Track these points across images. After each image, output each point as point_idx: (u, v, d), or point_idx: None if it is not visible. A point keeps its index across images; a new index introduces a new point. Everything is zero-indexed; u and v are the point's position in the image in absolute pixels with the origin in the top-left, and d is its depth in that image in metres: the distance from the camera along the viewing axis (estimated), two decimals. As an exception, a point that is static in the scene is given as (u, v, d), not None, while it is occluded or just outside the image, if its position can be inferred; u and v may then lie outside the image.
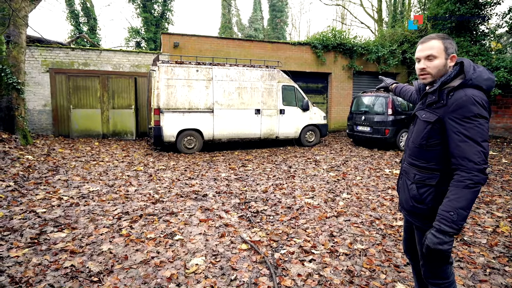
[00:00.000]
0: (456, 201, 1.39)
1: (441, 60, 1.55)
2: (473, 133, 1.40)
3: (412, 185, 1.66)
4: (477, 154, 1.38)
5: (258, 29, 30.07)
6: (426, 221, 1.63)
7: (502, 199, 4.65)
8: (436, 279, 1.68)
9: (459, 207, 1.38)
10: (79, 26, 18.39)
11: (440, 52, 1.55)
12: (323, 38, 13.56)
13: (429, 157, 1.59)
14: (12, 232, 3.30)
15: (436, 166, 1.57)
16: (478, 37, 11.55)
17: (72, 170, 6.10)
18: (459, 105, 1.43)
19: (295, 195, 4.84)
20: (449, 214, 1.40)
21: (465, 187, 1.39)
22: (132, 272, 2.63)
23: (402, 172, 1.79)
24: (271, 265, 2.76)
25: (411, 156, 1.69)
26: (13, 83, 7.67)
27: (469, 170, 1.39)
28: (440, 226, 1.42)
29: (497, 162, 7.18)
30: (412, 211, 1.68)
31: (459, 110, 1.43)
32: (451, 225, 1.39)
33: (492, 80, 1.49)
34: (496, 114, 11.29)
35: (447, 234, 1.40)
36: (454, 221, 1.38)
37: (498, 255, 2.98)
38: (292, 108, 9.62)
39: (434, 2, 12.21)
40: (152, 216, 3.90)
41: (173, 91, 8.16)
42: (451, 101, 1.47)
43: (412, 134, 1.71)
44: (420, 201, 1.61)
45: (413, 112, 1.76)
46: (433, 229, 1.44)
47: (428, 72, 1.58)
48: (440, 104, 1.52)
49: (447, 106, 1.48)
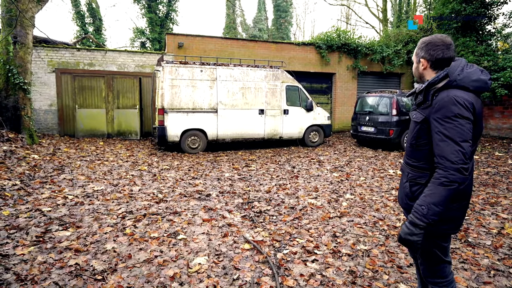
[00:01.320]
0: (430, 196, 1.45)
1: (414, 63, 1.71)
2: (452, 133, 1.42)
3: (406, 183, 1.73)
4: (455, 154, 1.41)
5: (262, 29, 30.08)
6: None
7: (507, 200, 4.61)
8: (434, 278, 1.72)
9: (431, 202, 1.44)
10: (84, 27, 18.55)
11: (414, 56, 1.71)
12: (327, 38, 13.53)
13: (419, 157, 1.65)
14: (18, 230, 3.34)
15: (425, 165, 1.62)
16: (484, 37, 11.44)
17: (77, 170, 6.15)
18: (440, 106, 1.47)
19: (299, 195, 4.84)
20: (421, 208, 1.46)
21: (440, 184, 1.43)
22: (136, 271, 2.65)
23: (401, 171, 1.86)
24: (274, 265, 2.76)
25: (407, 155, 1.76)
26: (20, 83, 7.75)
27: (446, 169, 1.43)
28: (412, 218, 1.49)
29: (503, 163, 7.11)
30: (407, 208, 1.74)
31: (441, 110, 1.47)
32: (421, 218, 1.46)
33: (483, 81, 1.50)
34: (503, 114, 11.18)
35: (417, 226, 1.46)
36: (425, 214, 1.45)
37: (503, 257, 2.95)
38: (296, 109, 9.61)
39: (440, 2, 12.11)
40: (156, 215, 3.92)
41: (177, 91, 8.20)
42: (435, 101, 1.52)
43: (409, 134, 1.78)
44: (412, 198, 1.67)
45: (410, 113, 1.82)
46: (406, 221, 1.53)
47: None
48: (426, 105, 1.58)
49: (432, 106, 1.53)
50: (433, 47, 1.59)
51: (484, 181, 5.64)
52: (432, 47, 1.59)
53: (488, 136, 11.44)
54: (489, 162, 7.25)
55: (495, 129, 11.44)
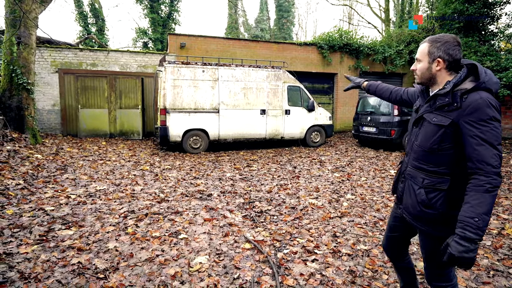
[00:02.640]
0: (479, 206, 1.34)
1: (424, 63, 1.58)
2: (489, 136, 1.37)
3: (420, 189, 1.60)
4: (494, 158, 1.36)
5: (264, 29, 30.09)
6: (436, 226, 1.58)
7: (508, 201, 4.61)
8: (439, 282, 1.68)
9: (482, 212, 1.34)
10: (87, 27, 18.65)
11: (423, 56, 1.57)
12: (329, 38, 13.53)
13: (440, 162, 1.53)
14: (22, 229, 3.38)
15: (446, 170, 1.52)
16: (487, 37, 11.40)
17: (79, 169, 6.20)
18: (475, 108, 1.39)
19: (299, 196, 4.86)
20: (474, 221, 1.34)
21: (485, 192, 1.35)
22: (137, 270, 2.68)
23: (406, 175, 1.73)
24: (274, 264, 2.78)
25: (418, 160, 1.63)
26: (23, 83, 7.82)
27: (488, 174, 1.36)
28: (465, 234, 1.35)
29: (505, 164, 7.10)
30: (419, 216, 1.62)
31: (475, 113, 1.39)
32: (476, 232, 1.33)
33: (498, 84, 1.49)
34: (505, 115, 11.15)
35: (473, 241, 1.34)
36: (480, 227, 1.33)
37: (502, 257, 2.96)
38: (298, 109, 9.63)
39: (442, 2, 12.08)
40: (158, 215, 3.95)
41: (179, 91, 8.24)
42: (466, 103, 1.42)
43: (418, 137, 1.64)
44: (429, 206, 1.55)
45: (419, 114, 1.67)
46: (456, 237, 1.37)
47: (416, 73, 1.63)
48: (453, 107, 1.47)
49: (462, 109, 1.43)
50: (452, 46, 1.51)
51: (486, 182, 5.64)
52: (451, 47, 1.51)
53: (491, 136, 11.42)
54: (491, 163, 7.24)
55: (497, 129, 11.41)
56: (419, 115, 1.67)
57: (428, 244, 1.66)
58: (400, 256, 1.96)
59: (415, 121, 1.70)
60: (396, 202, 1.90)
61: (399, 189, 1.82)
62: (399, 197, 1.82)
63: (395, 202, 1.90)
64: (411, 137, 1.74)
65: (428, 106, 1.60)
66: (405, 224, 1.83)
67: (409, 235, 1.89)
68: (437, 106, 1.54)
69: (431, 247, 1.65)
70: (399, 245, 1.94)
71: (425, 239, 1.67)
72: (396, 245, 1.95)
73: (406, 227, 1.84)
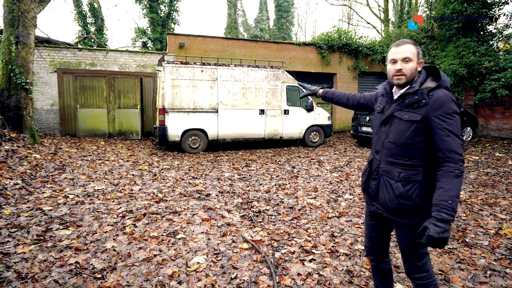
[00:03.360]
0: (451, 190, 1.48)
1: (414, 63, 1.66)
2: (454, 128, 1.54)
3: (397, 183, 1.69)
4: (459, 147, 1.52)
5: (264, 29, 30.08)
6: (413, 216, 1.68)
7: (506, 201, 4.62)
8: (418, 273, 1.74)
9: (454, 195, 1.48)
10: (86, 27, 18.61)
11: (414, 56, 1.66)
12: (328, 38, 13.54)
13: (413, 155, 1.65)
14: (19, 229, 3.38)
15: (419, 163, 1.65)
16: (485, 38, 11.42)
17: (78, 169, 6.19)
18: (441, 103, 1.56)
19: (298, 195, 4.86)
20: (448, 203, 1.47)
21: (455, 177, 1.50)
22: (135, 270, 2.68)
23: (381, 172, 1.78)
24: (272, 264, 2.78)
25: (393, 155, 1.72)
26: (22, 83, 7.81)
27: (456, 161, 1.51)
28: (441, 216, 1.47)
29: (503, 164, 7.11)
30: (397, 209, 1.70)
31: (442, 108, 1.55)
32: (451, 213, 1.46)
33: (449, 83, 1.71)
34: (503, 115, 11.17)
35: (448, 222, 1.46)
36: (453, 208, 1.47)
37: (499, 257, 2.97)
38: (297, 109, 9.63)
39: (441, 2, 12.09)
40: (156, 215, 3.95)
41: (178, 91, 8.24)
42: (433, 100, 1.58)
43: (390, 134, 1.73)
44: (406, 197, 1.66)
45: (388, 113, 1.75)
46: (433, 220, 1.48)
47: (403, 73, 1.67)
48: (422, 104, 1.61)
49: (430, 104, 1.58)
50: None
51: (484, 182, 5.65)
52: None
53: (489, 136, 11.44)
54: (489, 163, 7.25)
55: (495, 129, 11.43)
56: (388, 114, 1.75)
57: (406, 235, 1.74)
58: (384, 255, 1.99)
59: (384, 120, 1.78)
60: (367, 201, 1.95)
61: (371, 187, 1.87)
62: (372, 194, 1.87)
63: (367, 201, 1.96)
64: (380, 135, 1.82)
65: (397, 105, 1.72)
66: (382, 220, 1.89)
67: (388, 230, 1.95)
68: (406, 104, 1.67)
69: (409, 238, 1.73)
70: (383, 242, 1.97)
71: (403, 231, 1.75)
72: (379, 243, 1.98)
73: (383, 223, 1.90)
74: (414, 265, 1.74)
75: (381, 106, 1.85)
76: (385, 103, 1.83)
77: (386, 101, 1.82)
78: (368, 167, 1.91)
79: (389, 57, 1.72)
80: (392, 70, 1.70)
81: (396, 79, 1.70)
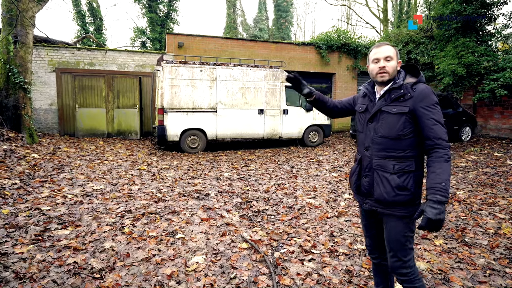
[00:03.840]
0: (442, 173, 1.58)
1: (395, 62, 1.78)
2: (438, 117, 1.66)
3: (392, 176, 1.74)
4: (445, 134, 1.64)
5: (263, 29, 30.07)
6: (408, 206, 1.74)
7: (505, 200, 4.62)
8: (404, 268, 1.77)
9: (446, 178, 1.57)
10: (85, 26, 18.57)
11: (394, 55, 1.77)
12: (327, 38, 13.54)
13: (405, 147, 1.73)
14: (17, 229, 3.36)
15: (411, 153, 1.73)
16: (484, 38, 11.42)
17: (76, 169, 6.17)
18: (424, 95, 1.68)
19: (297, 195, 4.85)
20: (441, 185, 1.56)
21: (445, 161, 1.60)
22: (134, 269, 2.67)
23: (375, 167, 1.79)
24: (271, 264, 2.78)
25: (386, 149, 1.77)
26: (20, 82, 7.78)
27: (444, 147, 1.62)
28: (437, 197, 1.55)
29: (502, 164, 7.12)
30: (394, 201, 1.74)
31: (426, 99, 1.67)
32: (445, 194, 1.54)
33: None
34: (502, 115, 11.17)
35: (443, 203, 1.54)
36: (446, 190, 1.55)
37: (499, 256, 2.97)
38: (296, 108, 9.63)
39: (440, 2, 12.09)
40: (154, 214, 3.94)
41: (177, 91, 8.22)
42: (416, 93, 1.69)
43: (379, 129, 1.79)
44: (403, 188, 1.71)
45: (376, 109, 1.81)
46: (429, 203, 1.56)
47: (386, 71, 1.76)
48: (407, 97, 1.71)
49: (415, 97, 1.69)
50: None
51: (483, 181, 5.65)
52: None
53: (488, 136, 11.44)
54: (488, 163, 7.26)
55: (494, 129, 11.44)
56: (376, 110, 1.81)
57: (399, 228, 1.77)
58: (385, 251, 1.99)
59: (371, 117, 1.84)
60: (359, 200, 1.96)
61: (364, 185, 1.88)
62: (364, 192, 1.88)
63: (359, 201, 1.96)
64: (367, 133, 1.86)
65: (383, 101, 1.79)
66: (376, 217, 1.93)
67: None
68: (393, 98, 1.75)
69: (401, 230, 1.76)
70: (383, 239, 1.98)
71: (396, 223, 1.78)
72: (380, 240, 1.99)
73: (378, 221, 1.95)
74: (401, 260, 1.77)
75: (364, 106, 1.92)
76: (368, 102, 1.90)
77: (369, 100, 1.90)
78: (357, 166, 1.93)
79: (372, 57, 1.81)
80: (376, 68, 1.78)
81: (380, 77, 1.77)
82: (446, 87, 11.70)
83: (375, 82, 1.87)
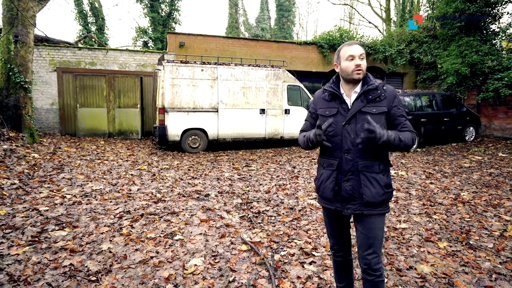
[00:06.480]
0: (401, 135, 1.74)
1: (366, 62, 1.82)
2: (405, 114, 1.85)
3: (379, 175, 1.77)
4: (412, 127, 1.83)
5: (265, 28, 30.00)
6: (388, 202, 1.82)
7: (510, 202, 4.53)
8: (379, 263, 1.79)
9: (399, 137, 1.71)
10: (87, 26, 18.58)
11: (364, 55, 1.81)
12: (329, 37, 13.45)
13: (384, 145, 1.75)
14: (14, 230, 3.32)
15: (386, 151, 1.83)
16: (488, 36, 11.31)
17: (76, 169, 6.14)
18: (394, 95, 1.81)
19: (298, 196, 4.79)
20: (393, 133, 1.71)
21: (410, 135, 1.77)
22: (131, 272, 2.61)
23: (361, 168, 1.76)
24: (271, 266, 2.72)
25: (370, 150, 1.76)
26: (21, 82, 7.76)
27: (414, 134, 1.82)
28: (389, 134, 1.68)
29: (506, 164, 7.02)
30: (383, 200, 1.77)
31: (396, 99, 1.81)
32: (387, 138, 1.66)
33: None
34: (506, 115, 11.04)
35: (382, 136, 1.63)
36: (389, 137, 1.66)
37: (505, 260, 2.89)
38: (298, 108, 9.56)
39: (443, 1, 11.98)
40: (153, 215, 3.89)
41: (178, 91, 8.18)
42: (388, 93, 1.81)
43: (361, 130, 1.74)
44: (389, 185, 1.80)
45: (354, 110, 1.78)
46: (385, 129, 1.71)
47: (362, 68, 1.77)
48: (382, 97, 1.79)
49: (388, 98, 1.80)
50: None
51: (487, 182, 5.56)
52: None
53: (492, 136, 11.32)
54: (492, 163, 7.16)
55: (499, 129, 11.31)
56: (354, 112, 1.78)
57: (379, 224, 1.80)
58: (349, 247, 2.08)
59: (349, 119, 1.79)
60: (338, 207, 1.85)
61: (346, 189, 1.79)
62: (346, 197, 1.79)
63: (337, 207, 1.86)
64: (345, 135, 1.79)
65: (360, 101, 1.79)
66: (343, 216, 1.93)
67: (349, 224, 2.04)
68: (370, 99, 1.78)
69: (380, 226, 1.80)
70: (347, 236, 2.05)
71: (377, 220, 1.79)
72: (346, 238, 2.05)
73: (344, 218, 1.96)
74: (378, 256, 1.80)
75: (334, 109, 1.84)
76: (338, 104, 1.84)
77: (339, 102, 1.84)
78: (333, 171, 1.82)
79: (345, 54, 1.78)
80: (352, 66, 1.76)
81: (356, 74, 1.76)
82: (450, 86, 11.59)
83: (348, 80, 1.81)
